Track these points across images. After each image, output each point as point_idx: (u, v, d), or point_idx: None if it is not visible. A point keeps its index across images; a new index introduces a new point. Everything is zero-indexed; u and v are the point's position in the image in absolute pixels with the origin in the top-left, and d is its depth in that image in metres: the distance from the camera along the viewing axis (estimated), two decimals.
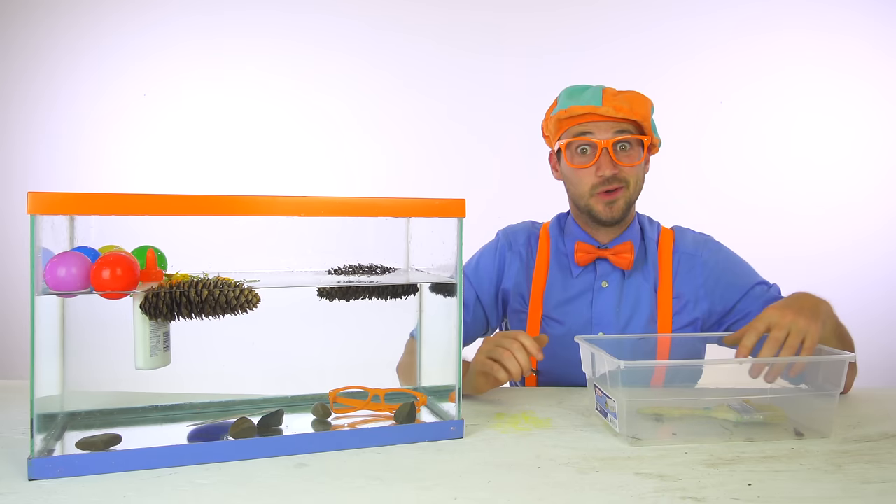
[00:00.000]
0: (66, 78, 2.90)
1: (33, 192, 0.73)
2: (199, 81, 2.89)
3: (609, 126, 1.19)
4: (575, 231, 1.32)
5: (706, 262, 1.28)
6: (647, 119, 1.21)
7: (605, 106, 1.18)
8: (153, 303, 0.82)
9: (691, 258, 1.28)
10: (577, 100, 1.20)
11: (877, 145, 2.86)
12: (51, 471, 0.76)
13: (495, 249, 1.37)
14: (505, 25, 2.88)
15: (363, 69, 2.89)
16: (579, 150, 1.22)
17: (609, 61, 2.84)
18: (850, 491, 0.75)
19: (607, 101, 1.18)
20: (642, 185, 1.26)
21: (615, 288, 1.27)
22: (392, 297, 0.99)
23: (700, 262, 1.28)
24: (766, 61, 2.86)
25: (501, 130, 2.82)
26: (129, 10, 2.89)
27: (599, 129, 1.20)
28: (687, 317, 1.27)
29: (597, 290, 1.28)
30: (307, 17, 2.89)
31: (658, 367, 0.97)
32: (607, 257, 1.27)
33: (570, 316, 1.28)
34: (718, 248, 1.32)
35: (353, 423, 0.96)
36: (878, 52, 2.85)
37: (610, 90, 1.21)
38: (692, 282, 1.27)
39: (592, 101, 1.18)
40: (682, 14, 2.87)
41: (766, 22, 2.85)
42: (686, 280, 1.27)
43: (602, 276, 1.28)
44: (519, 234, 1.37)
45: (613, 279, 1.28)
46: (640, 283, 1.27)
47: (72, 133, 2.90)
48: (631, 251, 1.25)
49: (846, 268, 2.81)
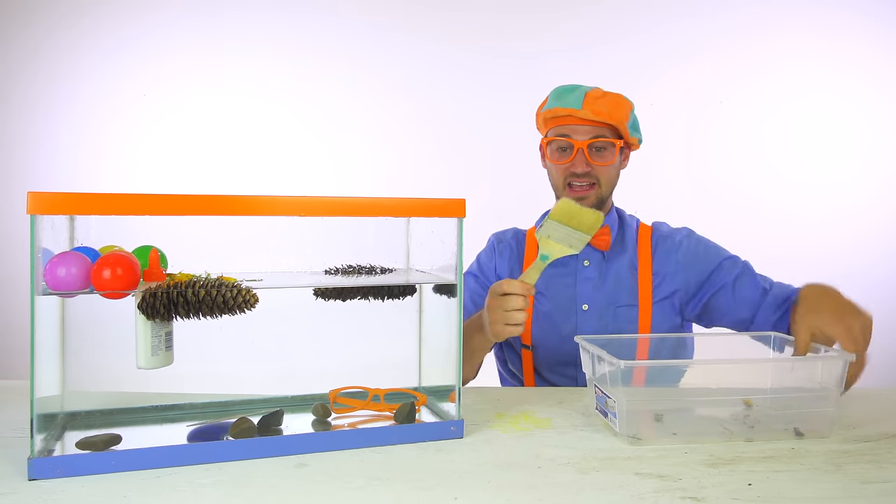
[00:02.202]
0: (65, 78, 2.90)
1: (33, 192, 0.73)
2: (199, 82, 2.89)
3: (587, 130, 1.31)
4: None
5: (681, 242, 1.39)
6: (622, 123, 1.31)
7: (585, 109, 1.29)
8: (150, 303, 0.82)
9: (667, 239, 1.40)
10: (562, 101, 1.31)
11: (877, 146, 2.86)
12: (51, 471, 0.76)
13: (490, 249, 1.50)
14: (505, 26, 2.88)
15: (363, 69, 2.89)
16: (558, 149, 1.34)
17: (609, 62, 2.84)
18: (850, 491, 0.75)
19: (587, 104, 1.29)
20: (615, 182, 1.38)
21: (595, 266, 1.38)
22: (389, 297, 0.99)
23: (675, 242, 1.39)
24: (766, 62, 2.86)
25: (501, 130, 2.82)
26: (130, 10, 2.89)
27: (577, 132, 1.31)
28: (666, 289, 1.36)
29: (580, 269, 1.39)
30: (306, 18, 2.89)
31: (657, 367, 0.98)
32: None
33: (556, 292, 1.39)
34: (692, 232, 1.43)
35: (353, 423, 0.96)
36: (878, 53, 2.85)
37: (593, 93, 1.30)
38: (669, 258, 1.37)
39: (574, 104, 1.29)
40: (683, 15, 2.87)
41: (766, 23, 2.85)
42: (663, 258, 1.38)
43: (583, 256, 1.39)
44: (506, 233, 1.51)
45: (594, 259, 1.39)
46: (620, 262, 1.38)
47: (72, 133, 2.90)
48: (608, 234, 1.37)
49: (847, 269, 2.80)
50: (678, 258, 1.37)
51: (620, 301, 1.36)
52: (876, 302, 3.00)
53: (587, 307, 1.36)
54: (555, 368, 1.38)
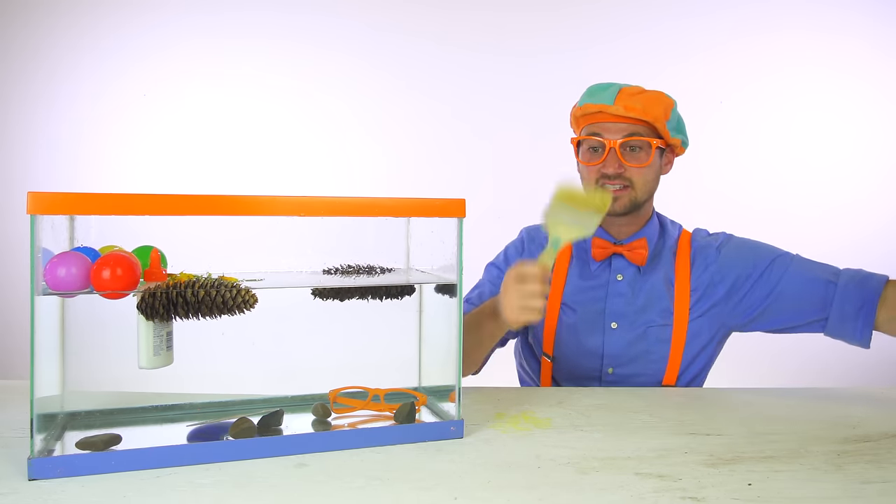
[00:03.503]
0: (65, 78, 2.90)
1: (33, 192, 0.73)
2: (199, 81, 2.89)
3: (619, 128, 1.22)
4: None
5: (719, 247, 1.30)
6: (660, 121, 1.21)
7: (617, 105, 1.20)
8: (149, 303, 0.82)
9: (704, 248, 1.30)
10: (594, 98, 1.23)
11: (876, 145, 2.87)
12: (51, 471, 0.76)
13: (520, 244, 1.42)
14: (505, 25, 2.88)
15: (363, 69, 2.89)
16: (590, 149, 1.26)
17: (609, 61, 2.84)
18: (850, 491, 0.75)
19: (620, 100, 1.20)
20: (653, 186, 1.29)
21: (630, 281, 1.29)
22: (387, 297, 0.99)
23: (713, 249, 1.30)
24: (765, 61, 2.86)
25: (501, 130, 2.82)
26: (130, 10, 2.90)
27: (609, 130, 1.23)
28: (704, 305, 1.27)
29: (612, 283, 1.30)
30: (306, 18, 2.89)
31: None
32: (622, 253, 1.29)
33: (584, 305, 1.30)
34: (731, 236, 1.33)
35: (353, 423, 0.96)
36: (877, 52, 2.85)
37: (629, 89, 1.22)
38: (707, 269, 1.28)
39: (606, 101, 1.21)
40: (682, 14, 2.87)
41: (765, 22, 2.86)
42: (701, 270, 1.28)
43: (617, 269, 1.30)
44: (539, 230, 1.42)
45: (628, 273, 1.29)
46: (656, 277, 1.29)
47: (72, 133, 2.90)
48: (645, 248, 1.27)
49: None
50: (716, 267, 1.27)
51: (653, 321, 1.26)
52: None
53: (616, 325, 1.28)
54: (575, 382, 1.32)
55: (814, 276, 1.20)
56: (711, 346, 1.30)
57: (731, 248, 1.29)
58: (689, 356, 1.27)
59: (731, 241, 1.31)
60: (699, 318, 1.27)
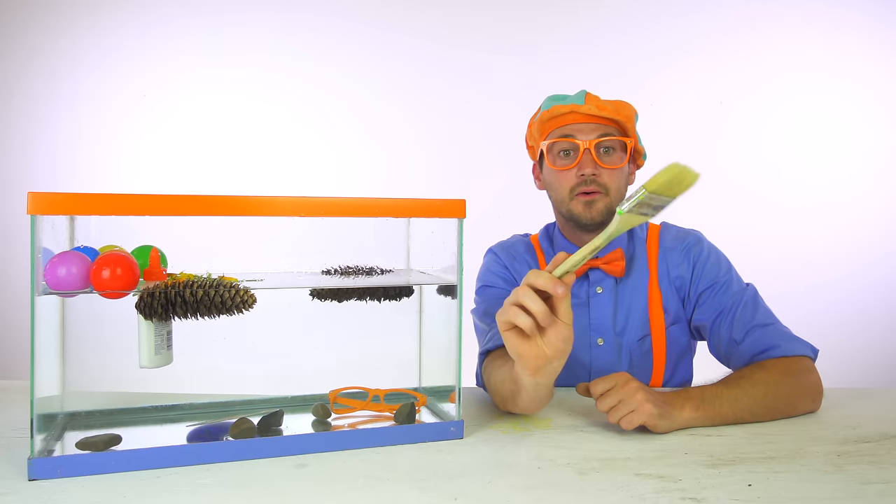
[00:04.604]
0: (65, 78, 2.90)
1: (33, 192, 0.73)
2: (198, 82, 2.89)
3: (592, 128, 1.19)
4: (562, 243, 1.30)
5: (688, 249, 1.25)
6: (630, 120, 1.20)
7: (589, 104, 1.18)
8: (148, 303, 0.82)
9: (670, 251, 1.26)
10: (561, 100, 1.21)
11: (876, 145, 2.87)
12: (51, 471, 0.76)
13: (498, 264, 1.32)
14: (505, 25, 2.88)
15: (363, 69, 2.89)
16: (561, 152, 1.22)
17: (609, 60, 2.84)
18: (850, 491, 0.75)
19: (590, 100, 1.19)
20: (624, 194, 1.23)
21: (609, 293, 1.25)
22: (385, 298, 0.99)
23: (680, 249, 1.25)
24: (765, 61, 2.86)
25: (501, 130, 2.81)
26: (129, 10, 2.90)
27: (582, 131, 1.19)
28: (674, 305, 1.24)
29: (592, 297, 1.25)
30: (306, 18, 2.89)
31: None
32: (600, 266, 1.25)
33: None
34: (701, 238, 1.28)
35: (353, 424, 0.96)
36: (877, 52, 2.85)
37: (592, 93, 1.22)
38: (674, 271, 1.24)
39: (576, 101, 1.19)
40: (682, 14, 2.87)
41: (765, 22, 2.86)
42: (666, 273, 1.24)
43: (595, 282, 1.26)
44: (517, 245, 1.34)
45: (607, 284, 1.25)
46: (634, 284, 1.25)
47: (72, 133, 2.90)
48: (622, 258, 1.23)
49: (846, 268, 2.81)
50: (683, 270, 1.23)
51: (634, 333, 1.23)
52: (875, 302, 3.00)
53: (602, 341, 1.24)
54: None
55: (746, 319, 1.14)
56: (691, 351, 1.28)
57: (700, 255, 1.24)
58: (671, 363, 1.25)
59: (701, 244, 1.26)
60: (673, 325, 1.24)
